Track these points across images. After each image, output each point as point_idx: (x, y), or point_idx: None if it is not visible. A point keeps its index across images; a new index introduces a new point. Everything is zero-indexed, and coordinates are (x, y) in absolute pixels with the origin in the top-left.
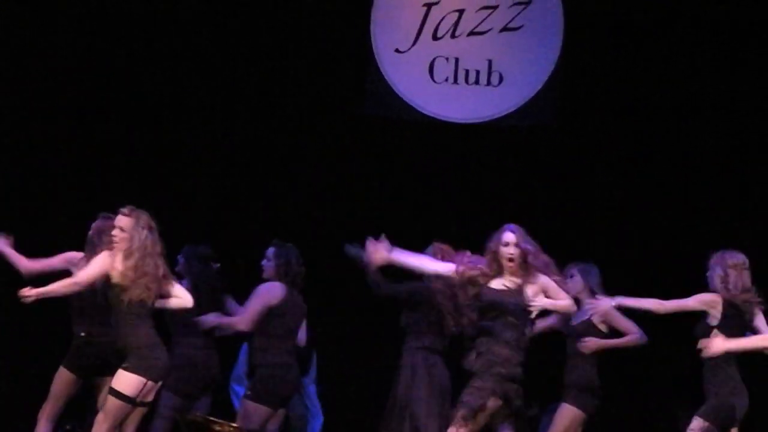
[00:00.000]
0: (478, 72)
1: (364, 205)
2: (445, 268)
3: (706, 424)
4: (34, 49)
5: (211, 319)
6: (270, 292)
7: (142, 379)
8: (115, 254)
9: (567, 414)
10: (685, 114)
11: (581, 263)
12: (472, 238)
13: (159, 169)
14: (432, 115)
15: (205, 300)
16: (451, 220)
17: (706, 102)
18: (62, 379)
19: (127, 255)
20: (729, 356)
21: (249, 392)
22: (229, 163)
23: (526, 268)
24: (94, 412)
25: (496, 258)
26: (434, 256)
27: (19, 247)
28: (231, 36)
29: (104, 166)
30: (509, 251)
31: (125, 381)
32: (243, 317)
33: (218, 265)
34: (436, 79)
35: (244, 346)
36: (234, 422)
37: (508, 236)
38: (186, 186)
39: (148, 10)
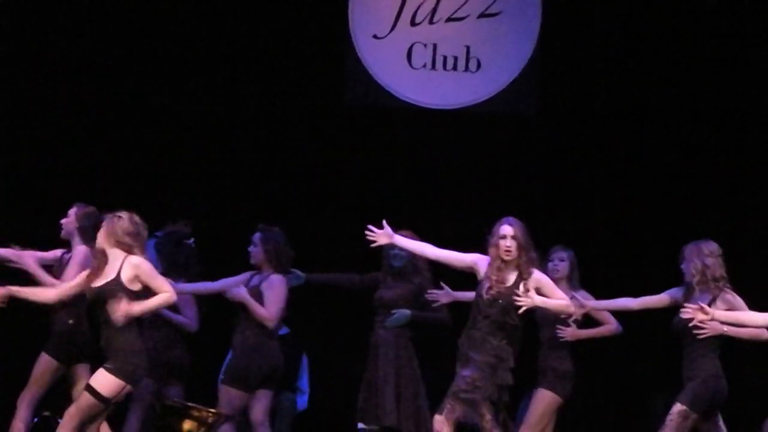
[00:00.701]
0: (456, 58)
1: (341, 191)
2: (447, 254)
3: (684, 408)
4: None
5: (243, 294)
6: (284, 285)
7: (123, 383)
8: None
9: (544, 399)
10: (667, 100)
11: (564, 248)
12: (449, 223)
13: (138, 158)
14: (410, 101)
15: (181, 279)
16: (427, 205)
17: (689, 88)
18: (44, 365)
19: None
20: (711, 342)
21: (224, 376)
22: (211, 152)
23: (523, 261)
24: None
25: (497, 252)
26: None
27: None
28: (208, 26)
29: (86, 150)
30: (506, 244)
31: (105, 382)
32: (273, 315)
33: (192, 240)
34: (413, 65)
35: None
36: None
37: (506, 229)
38: (167, 174)
39: None
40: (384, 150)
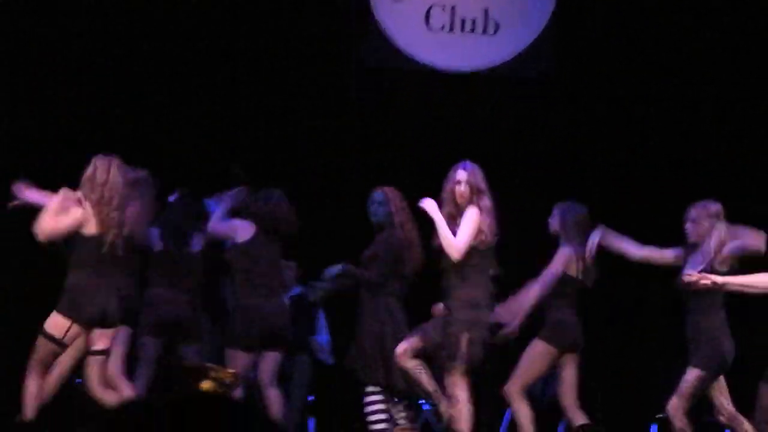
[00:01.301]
0: (474, 21)
1: (359, 155)
2: None
3: (702, 373)
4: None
5: None
6: (238, 227)
7: (68, 322)
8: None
9: (534, 348)
10: (687, 64)
11: (567, 202)
12: None
13: (155, 134)
14: (427, 63)
15: (170, 236)
16: (444, 167)
17: (710, 51)
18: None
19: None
20: (715, 300)
21: (225, 339)
22: (226, 119)
23: (472, 203)
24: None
25: (452, 197)
26: (387, 202)
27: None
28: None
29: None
30: (461, 189)
31: (51, 321)
32: (214, 223)
33: (176, 196)
34: (432, 27)
35: None
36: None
37: (460, 174)
38: (186, 144)
39: None
40: (401, 112)
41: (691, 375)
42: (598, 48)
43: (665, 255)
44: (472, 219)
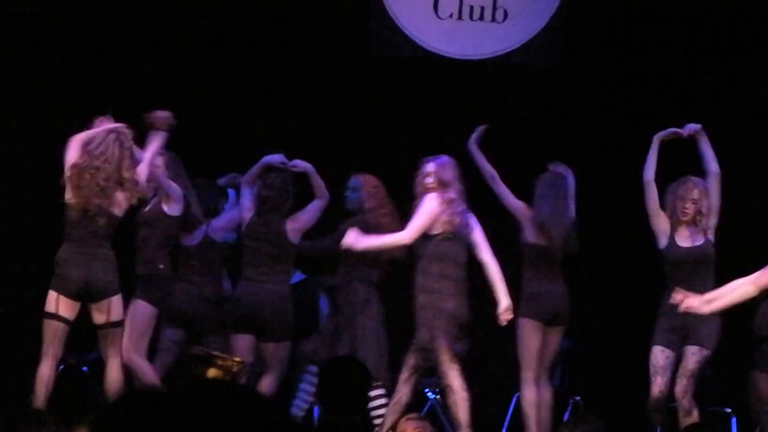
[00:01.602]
0: (482, 8)
1: (366, 142)
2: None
3: (706, 351)
4: None
5: None
6: (242, 216)
7: (54, 294)
8: None
9: (520, 327)
10: (696, 54)
11: (550, 172)
12: (471, 174)
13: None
14: (436, 51)
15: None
16: (450, 156)
17: (718, 41)
18: (143, 310)
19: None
20: (709, 280)
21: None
22: (232, 103)
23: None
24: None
25: (422, 190)
26: (360, 188)
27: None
28: None
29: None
30: (428, 181)
31: (47, 298)
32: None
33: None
34: (440, 14)
35: None
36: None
37: (429, 167)
38: (190, 123)
39: None
40: (409, 100)
41: (699, 354)
42: (608, 36)
43: (660, 213)
44: (425, 206)
